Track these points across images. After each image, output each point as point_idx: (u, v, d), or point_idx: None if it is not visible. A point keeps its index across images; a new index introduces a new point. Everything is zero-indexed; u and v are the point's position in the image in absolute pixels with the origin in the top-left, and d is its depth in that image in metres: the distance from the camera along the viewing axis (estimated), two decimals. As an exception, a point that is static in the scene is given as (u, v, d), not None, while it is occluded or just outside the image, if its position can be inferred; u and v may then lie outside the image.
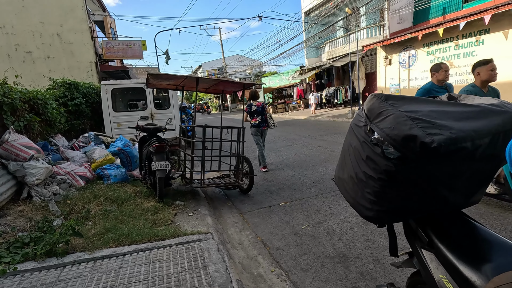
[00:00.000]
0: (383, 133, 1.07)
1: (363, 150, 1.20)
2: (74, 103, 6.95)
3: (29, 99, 4.66)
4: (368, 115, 1.19)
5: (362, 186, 1.23)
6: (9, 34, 11.12)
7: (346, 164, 1.38)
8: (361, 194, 1.25)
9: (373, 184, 1.16)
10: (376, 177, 1.14)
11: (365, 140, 1.18)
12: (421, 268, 1.26)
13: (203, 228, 3.22)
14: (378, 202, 1.19)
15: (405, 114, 1.06)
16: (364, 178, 1.20)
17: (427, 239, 1.18)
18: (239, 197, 4.63)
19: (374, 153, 1.13)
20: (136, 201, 4.02)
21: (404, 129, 1.01)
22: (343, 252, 2.75)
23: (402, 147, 1.01)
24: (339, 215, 3.59)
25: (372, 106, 1.18)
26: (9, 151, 3.90)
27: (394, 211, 1.22)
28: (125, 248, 2.78)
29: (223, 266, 2.47)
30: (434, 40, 11.98)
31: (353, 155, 1.29)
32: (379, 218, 1.26)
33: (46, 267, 2.51)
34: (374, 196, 1.18)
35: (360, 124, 1.25)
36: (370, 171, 1.16)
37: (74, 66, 11.83)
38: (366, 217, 1.30)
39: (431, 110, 1.11)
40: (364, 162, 1.19)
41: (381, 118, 1.11)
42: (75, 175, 4.51)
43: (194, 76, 4.02)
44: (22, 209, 3.55)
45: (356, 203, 1.32)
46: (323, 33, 20.81)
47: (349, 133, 1.38)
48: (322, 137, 9.58)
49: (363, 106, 1.26)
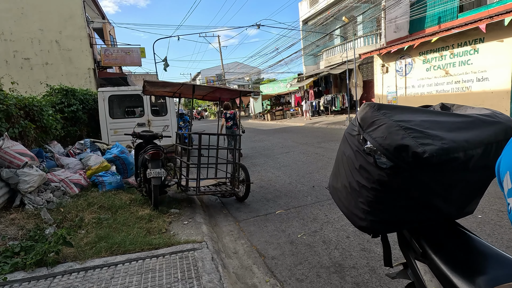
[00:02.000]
0: (376, 142, 1.07)
1: (356, 159, 1.20)
2: (71, 110, 6.93)
3: (24, 105, 4.64)
4: (361, 124, 1.19)
5: (356, 195, 1.22)
6: (8, 41, 11.15)
7: (340, 173, 1.37)
8: (354, 203, 1.24)
9: (366, 194, 1.16)
10: (369, 187, 1.13)
11: (358, 149, 1.18)
12: (415, 279, 1.24)
13: (197, 237, 3.18)
14: (371, 212, 1.18)
15: (397, 123, 1.06)
16: (357, 187, 1.20)
17: (420, 250, 1.17)
18: (235, 205, 4.59)
19: (367, 163, 1.13)
20: (131, 209, 3.97)
21: (396, 138, 1.01)
22: (339, 262, 2.71)
23: (394, 157, 1.01)
24: (335, 223, 3.56)
25: (365, 115, 1.18)
26: (3, 158, 3.86)
27: (387, 221, 1.21)
28: (118, 257, 2.74)
29: (216, 276, 2.43)
30: (430, 48, 12.13)
31: (347, 164, 1.28)
32: (373, 228, 1.24)
33: (36, 277, 2.45)
34: (367, 205, 1.17)
35: (354, 133, 1.25)
36: (363, 180, 1.15)
37: (72, 73, 11.84)
38: (359, 227, 1.29)
39: (423, 120, 1.11)
40: (357, 171, 1.18)
41: (373, 127, 1.11)
42: (69, 182, 4.46)
43: (190, 83, 4.03)
44: (14, 217, 3.49)
45: (350, 212, 1.31)
46: (320, 41, 21.03)
47: (342, 142, 1.37)
48: (319, 144, 9.59)
49: (356, 115, 1.26)
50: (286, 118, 24.06)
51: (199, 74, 51.79)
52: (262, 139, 12.39)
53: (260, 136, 13.88)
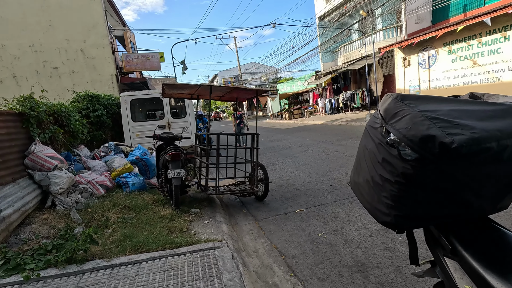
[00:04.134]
0: (399, 134, 1.03)
1: (378, 153, 1.16)
2: (96, 115, 7.25)
3: (53, 111, 4.91)
4: (383, 116, 1.16)
5: (379, 190, 1.18)
6: (38, 52, 11.85)
7: (362, 168, 1.34)
8: (377, 198, 1.20)
9: (390, 188, 1.11)
10: (393, 180, 1.09)
11: (381, 142, 1.15)
12: (444, 278, 1.18)
13: (218, 236, 3.21)
14: (395, 206, 1.13)
15: (422, 113, 1.02)
16: (380, 181, 1.16)
17: (450, 246, 1.11)
18: (255, 204, 4.60)
19: (390, 155, 1.09)
20: (153, 208, 4.09)
21: (422, 129, 0.97)
22: (362, 261, 2.64)
23: (419, 148, 0.97)
24: (357, 222, 3.47)
25: (388, 107, 1.15)
26: (35, 162, 4.10)
27: (413, 217, 1.15)
28: (142, 255, 2.82)
29: (237, 275, 2.44)
30: (455, 38, 11.54)
31: (369, 158, 1.25)
32: (397, 224, 1.19)
33: (67, 274, 2.58)
34: (391, 200, 1.13)
35: (376, 125, 1.22)
36: (387, 174, 1.11)
37: (96, 80, 12.39)
38: (383, 223, 1.24)
39: (451, 109, 1.05)
40: (380, 164, 1.15)
41: (397, 118, 1.08)
42: (95, 183, 4.66)
43: (207, 84, 4.08)
44: (46, 217, 3.70)
45: (373, 208, 1.27)
46: (338, 37, 20.61)
47: (364, 136, 1.34)
48: (339, 142, 9.40)
49: (378, 107, 1.22)
50: (304, 116, 23.81)
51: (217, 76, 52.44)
52: (281, 138, 12.33)
53: (278, 135, 13.83)
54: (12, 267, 2.61)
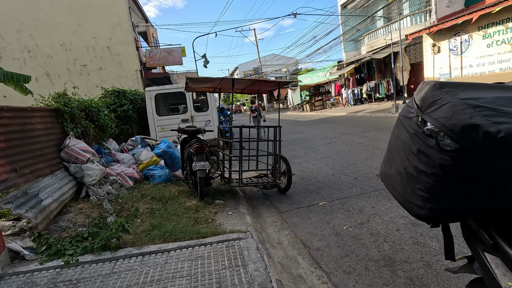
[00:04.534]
0: (438, 123, 0.99)
1: (413, 143, 1.12)
2: (123, 109, 7.53)
3: (84, 107, 5.16)
4: (419, 104, 1.12)
5: (413, 182, 1.14)
6: (68, 50, 12.45)
7: (394, 159, 1.30)
8: (411, 190, 1.17)
9: (425, 180, 1.08)
10: (429, 172, 1.05)
11: (416, 132, 1.11)
12: (484, 274, 1.12)
13: (242, 227, 3.26)
14: (431, 199, 1.09)
15: (464, 102, 0.97)
16: (414, 173, 1.12)
17: (491, 241, 1.05)
18: (277, 196, 4.62)
19: (426, 146, 1.05)
20: (179, 200, 4.22)
21: (464, 118, 0.92)
22: (389, 255, 2.58)
23: (461, 138, 0.92)
24: (383, 215, 3.39)
25: (425, 95, 1.10)
26: (70, 155, 4.35)
27: (450, 210, 1.10)
28: (170, 244, 2.93)
29: (262, 265, 2.48)
30: (491, 21, 10.73)
31: (402, 149, 1.21)
32: (433, 217, 1.15)
33: (102, 260, 2.75)
34: (426, 192, 1.09)
35: (410, 115, 1.17)
36: (422, 165, 1.07)
37: (122, 75, 12.83)
38: (417, 216, 1.20)
39: (496, 97, 0.99)
40: (415, 155, 1.11)
41: (435, 107, 1.03)
42: (125, 175, 4.88)
43: (230, 77, 4.10)
44: (82, 206, 3.94)
45: (406, 200, 1.23)
46: (361, 25, 19.84)
47: (396, 126, 1.30)
48: (363, 133, 9.15)
49: (414, 96, 1.18)
50: (326, 108, 23.33)
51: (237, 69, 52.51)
52: (302, 131, 12.20)
53: (299, 127, 13.68)
54: (54, 252, 2.82)
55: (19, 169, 3.40)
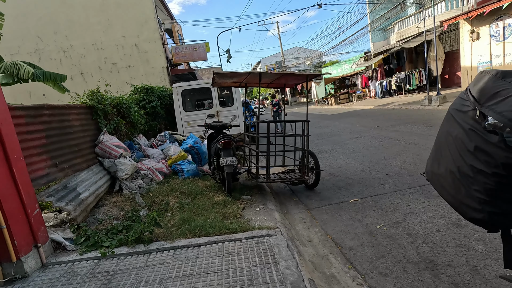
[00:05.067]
0: (503, 117, 0.88)
1: (469, 140, 1.02)
2: (151, 106, 7.74)
3: (116, 104, 5.35)
4: (477, 97, 1.01)
5: (468, 182, 1.04)
6: (99, 49, 13.00)
7: (443, 157, 1.19)
8: (465, 192, 1.07)
9: (484, 180, 0.98)
10: (489, 172, 0.95)
11: (473, 128, 1.00)
12: None
13: (271, 223, 3.22)
14: (491, 202, 0.99)
15: None
16: (470, 173, 1.02)
17: None
18: (305, 192, 4.52)
19: (487, 143, 0.95)
20: (207, 194, 4.26)
21: None
22: (430, 258, 2.43)
23: None
24: (421, 214, 3.19)
25: (484, 86, 0.99)
26: (104, 150, 4.53)
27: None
28: (200, 239, 2.96)
29: (293, 263, 2.42)
30: (541, 2, 9.73)
31: (454, 146, 1.10)
32: (492, 222, 1.04)
33: (136, 253, 2.83)
34: (485, 194, 0.99)
35: (465, 108, 1.06)
36: (480, 164, 0.97)
37: (149, 72, 13.21)
38: (472, 219, 1.10)
39: None
40: (471, 154, 1.01)
41: (498, 99, 0.92)
42: (155, 170, 5.01)
43: (256, 72, 4.04)
44: (115, 200, 4.10)
45: (458, 202, 1.12)
46: (391, 13, 18.87)
47: (446, 121, 1.19)
48: (393, 127, 8.73)
49: (469, 87, 1.06)
50: (352, 101, 22.60)
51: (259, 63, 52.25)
52: (328, 125, 11.90)
53: (325, 121, 13.37)
54: (92, 244, 2.95)
55: (59, 164, 3.59)
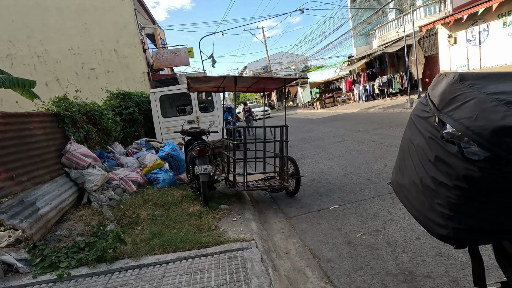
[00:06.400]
0: (461, 125, 0.78)
1: (430, 149, 0.91)
2: (128, 112, 7.45)
3: (86, 111, 5.06)
4: (436, 102, 0.90)
5: (431, 195, 0.93)
6: (76, 54, 12.55)
7: (406, 166, 1.09)
8: (429, 205, 0.96)
9: (446, 194, 0.87)
10: (450, 185, 0.84)
11: (433, 136, 0.90)
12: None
13: (247, 235, 3.05)
14: (454, 217, 0.88)
15: (493, 97, 0.77)
16: (433, 185, 0.91)
17: None
18: (286, 199, 4.37)
19: (446, 153, 0.84)
20: (182, 205, 4.04)
21: (494, 118, 0.73)
22: (409, 269, 2.30)
23: (492, 145, 0.73)
24: (401, 221, 3.09)
25: (442, 90, 0.89)
26: (71, 160, 4.25)
27: (479, 230, 0.89)
28: (169, 255, 2.75)
29: (266, 280, 2.25)
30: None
31: (416, 155, 1.00)
32: (457, 239, 0.93)
33: (97, 273, 2.59)
34: (448, 209, 0.88)
35: (425, 115, 0.96)
36: (442, 176, 0.87)
37: (129, 78, 12.84)
38: (438, 236, 0.99)
39: None
40: (432, 164, 0.90)
41: (456, 105, 0.83)
42: (128, 180, 4.75)
43: (232, 76, 3.89)
44: (82, 213, 3.82)
45: (423, 216, 1.02)
46: (372, 18, 19.25)
47: (409, 127, 1.08)
48: (376, 131, 8.76)
49: (428, 91, 0.95)
50: (337, 105, 22.82)
51: (246, 68, 52.32)
52: (312, 129, 11.87)
53: (309, 126, 13.35)
54: (48, 265, 2.68)
55: (16, 176, 3.30)
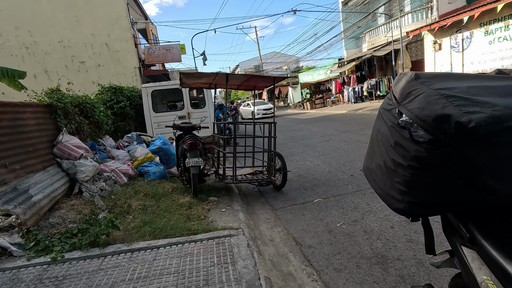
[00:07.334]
0: (412, 114, 0.97)
1: (391, 136, 1.09)
2: (120, 106, 7.48)
3: (79, 103, 5.12)
4: (397, 96, 1.09)
5: (391, 175, 1.12)
6: (66, 47, 12.41)
7: (375, 153, 1.28)
8: (390, 184, 1.14)
9: (402, 173, 1.05)
10: (405, 165, 1.02)
11: (393, 124, 1.08)
12: (461, 268, 1.11)
13: (234, 224, 3.22)
14: (409, 192, 1.06)
15: (437, 92, 0.94)
16: (393, 166, 1.09)
17: (468, 235, 1.02)
18: (272, 193, 4.57)
19: (402, 138, 1.02)
20: (173, 196, 4.18)
21: (436, 108, 0.90)
22: (382, 253, 2.53)
23: (433, 129, 0.90)
24: (378, 213, 3.33)
25: (402, 86, 1.08)
26: (63, 151, 4.32)
27: (428, 203, 1.07)
28: (160, 241, 2.89)
29: (251, 263, 2.43)
30: (493, 18, 10.60)
31: (382, 142, 1.19)
32: (411, 211, 1.12)
33: (90, 257, 2.71)
34: (404, 186, 1.06)
35: (389, 107, 1.15)
36: (399, 158, 1.05)
37: (120, 72, 12.78)
38: (396, 210, 1.18)
39: (471, 86, 0.97)
40: (393, 148, 1.08)
41: (410, 98, 1.01)
42: (119, 172, 4.83)
43: (223, 72, 4.04)
44: (74, 203, 3.90)
45: (385, 194, 1.21)
46: (362, 22, 19.69)
47: (377, 119, 1.28)
48: (362, 131, 9.07)
49: (392, 87, 1.14)
50: (326, 106, 23.22)
51: (238, 66, 52.35)
52: (301, 128, 12.13)
53: (299, 125, 13.61)
54: (42, 249, 2.78)
55: (9, 164, 3.36)
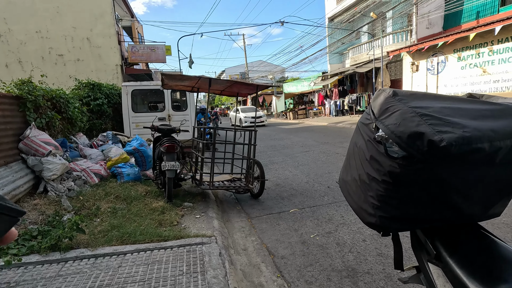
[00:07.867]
0: (388, 130, 0.98)
1: (367, 150, 1.11)
2: (97, 103, 7.21)
3: (51, 97, 4.86)
4: (375, 112, 1.10)
5: (365, 189, 1.12)
6: (44, 38, 11.86)
7: (351, 166, 1.29)
8: (364, 198, 1.15)
9: (376, 187, 1.06)
10: (379, 179, 1.03)
11: (370, 139, 1.09)
12: (427, 284, 1.12)
13: (208, 231, 3.14)
14: (381, 207, 1.07)
15: (413, 110, 0.96)
16: (367, 180, 1.10)
17: (434, 252, 1.04)
18: (249, 201, 4.52)
19: (378, 152, 1.03)
20: (145, 200, 4.02)
21: (411, 125, 0.91)
22: (352, 266, 2.55)
23: (407, 146, 0.91)
24: (351, 225, 3.37)
25: (380, 102, 1.09)
26: (29, 146, 4.06)
27: (398, 218, 1.09)
28: (127, 247, 2.76)
29: (222, 272, 2.36)
30: (466, 45, 11.32)
31: (358, 156, 1.20)
32: (382, 226, 1.13)
33: (49, 261, 2.53)
34: (377, 200, 1.07)
35: (367, 122, 1.16)
36: (374, 172, 1.06)
37: (101, 69, 12.37)
38: (368, 224, 1.19)
39: (444, 107, 1.00)
40: (368, 162, 1.09)
41: (387, 114, 1.02)
42: (90, 172, 4.61)
43: (206, 77, 4.00)
44: (37, 202, 3.66)
45: (359, 207, 1.22)
46: (346, 39, 20.41)
47: (355, 132, 1.30)
48: (341, 144, 9.27)
49: (370, 102, 1.16)
50: (309, 117, 23.63)
51: (224, 72, 52.38)
52: (282, 138, 12.22)
53: (280, 134, 13.72)
54: (-5, 251, 2.56)
55: (-34, 158, 3.11)
